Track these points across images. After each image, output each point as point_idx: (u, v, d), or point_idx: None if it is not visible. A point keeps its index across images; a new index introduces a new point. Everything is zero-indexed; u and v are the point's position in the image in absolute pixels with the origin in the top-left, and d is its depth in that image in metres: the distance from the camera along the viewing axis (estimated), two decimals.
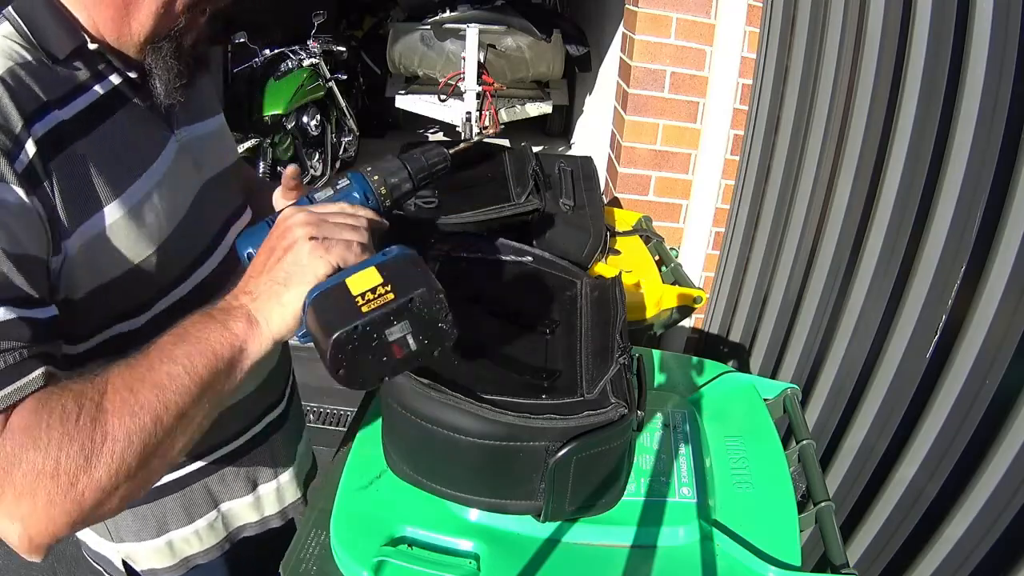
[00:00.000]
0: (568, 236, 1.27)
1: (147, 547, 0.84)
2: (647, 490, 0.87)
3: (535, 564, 0.79)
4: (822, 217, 1.49)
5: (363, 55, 5.31)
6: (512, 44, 4.13)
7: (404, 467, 0.82)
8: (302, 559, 0.81)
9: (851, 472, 1.35)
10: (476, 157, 1.46)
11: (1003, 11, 1.01)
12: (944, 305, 1.13)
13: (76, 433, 0.50)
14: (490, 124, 3.75)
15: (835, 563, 0.82)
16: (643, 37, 1.84)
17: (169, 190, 0.68)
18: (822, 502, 0.90)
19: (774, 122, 1.75)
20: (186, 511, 0.85)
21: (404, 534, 0.81)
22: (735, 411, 1.07)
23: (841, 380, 1.40)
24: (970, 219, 1.08)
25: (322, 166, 3.77)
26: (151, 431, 0.53)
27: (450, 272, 1.04)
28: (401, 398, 0.77)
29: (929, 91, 1.17)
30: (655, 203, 2.02)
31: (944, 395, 1.10)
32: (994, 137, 1.04)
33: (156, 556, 0.86)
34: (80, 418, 0.51)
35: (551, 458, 0.74)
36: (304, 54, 3.68)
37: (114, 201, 0.62)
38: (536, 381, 0.81)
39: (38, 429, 0.50)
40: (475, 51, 3.62)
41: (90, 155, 0.60)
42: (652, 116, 1.92)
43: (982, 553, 1.04)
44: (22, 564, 1.77)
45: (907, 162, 1.22)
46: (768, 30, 1.76)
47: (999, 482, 1.00)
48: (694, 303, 1.34)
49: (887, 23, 1.29)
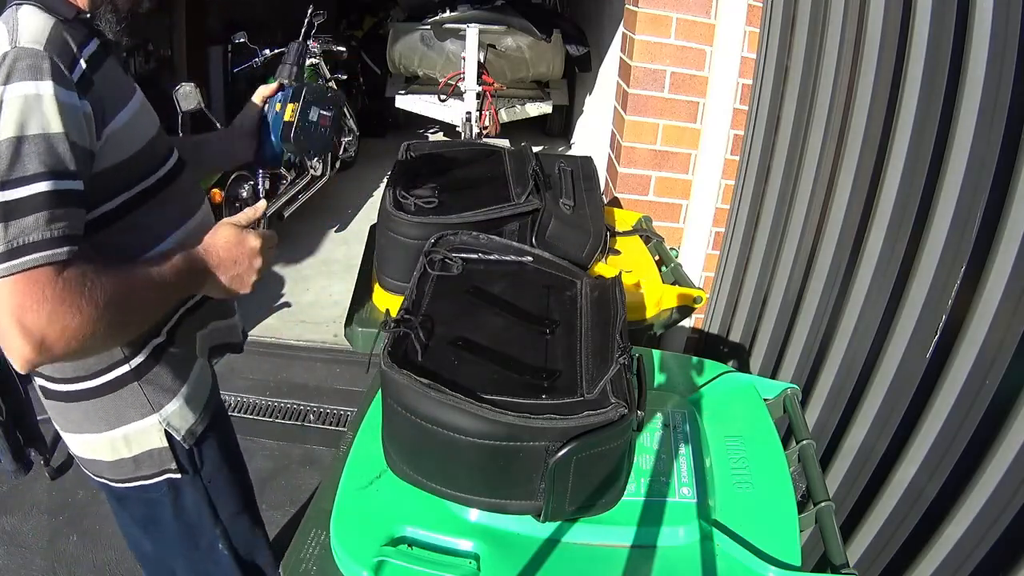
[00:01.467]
0: (568, 236, 1.27)
1: (180, 407, 1.05)
2: (647, 490, 0.87)
3: (535, 564, 0.79)
4: (822, 217, 1.49)
5: (363, 55, 5.30)
6: (512, 44, 4.13)
7: (404, 467, 0.82)
8: (302, 559, 0.81)
9: (851, 472, 1.35)
10: (476, 157, 1.47)
11: (1003, 11, 1.02)
12: (944, 305, 1.13)
13: (87, 292, 0.76)
14: (490, 124, 3.75)
15: (835, 563, 0.82)
16: (643, 37, 1.84)
17: (142, 116, 0.95)
18: (822, 502, 0.90)
19: (774, 122, 1.75)
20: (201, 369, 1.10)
21: (404, 534, 0.81)
22: (735, 411, 1.07)
23: (841, 380, 1.40)
24: (970, 219, 1.08)
25: (322, 166, 3.76)
26: (128, 306, 0.82)
27: (450, 272, 1.04)
28: (401, 398, 0.77)
29: (929, 91, 1.17)
30: (655, 203, 2.02)
31: (944, 395, 1.10)
32: (994, 137, 1.04)
33: (192, 410, 1.07)
34: (89, 287, 0.76)
35: (551, 458, 0.74)
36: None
37: (122, 110, 0.89)
38: (536, 381, 0.81)
39: (70, 288, 0.75)
40: (475, 51, 3.61)
41: (107, 78, 0.86)
42: (652, 116, 1.92)
43: (982, 553, 1.04)
44: (22, 564, 1.77)
45: (907, 162, 1.22)
46: (768, 30, 1.76)
47: (999, 482, 1.00)
48: (694, 303, 1.34)
49: (887, 23, 1.29)
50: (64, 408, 1.00)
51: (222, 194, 2.81)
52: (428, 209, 1.19)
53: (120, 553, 1.80)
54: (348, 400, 2.41)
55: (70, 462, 1.31)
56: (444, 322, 0.89)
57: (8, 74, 0.74)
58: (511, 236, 1.20)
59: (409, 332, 0.84)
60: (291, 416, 2.38)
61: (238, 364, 2.58)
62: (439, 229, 1.11)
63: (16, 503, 1.95)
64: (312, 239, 3.62)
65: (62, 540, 1.83)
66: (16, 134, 0.73)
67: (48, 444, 1.57)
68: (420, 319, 0.88)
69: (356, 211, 3.99)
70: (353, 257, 3.39)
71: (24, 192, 0.73)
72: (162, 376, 1.01)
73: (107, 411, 0.99)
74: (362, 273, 1.39)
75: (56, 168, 0.75)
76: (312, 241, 3.60)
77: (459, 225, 1.15)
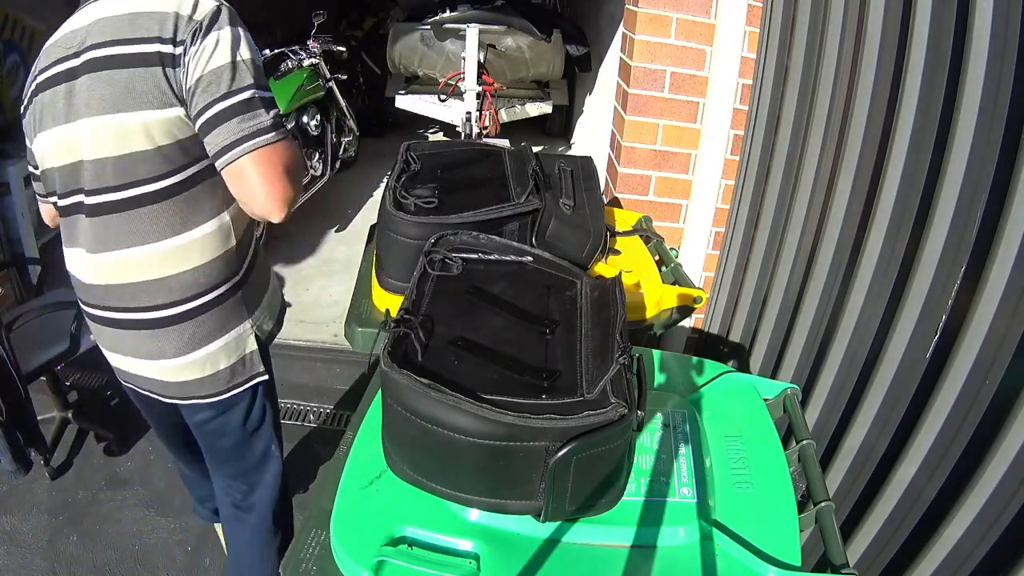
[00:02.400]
0: (568, 236, 1.27)
1: (264, 310, 1.22)
2: (647, 490, 0.87)
3: (535, 564, 0.79)
4: (822, 217, 1.49)
5: (363, 55, 5.30)
6: (512, 44, 4.13)
7: (404, 467, 0.82)
8: (302, 559, 0.81)
9: (851, 472, 1.35)
10: (476, 157, 1.47)
11: (1003, 11, 1.02)
12: (944, 305, 1.13)
13: (301, 164, 1.11)
14: (490, 124, 3.74)
15: (835, 563, 0.82)
16: (643, 37, 1.84)
17: None
18: (822, 502, 0.90)
19: (774, 122, 1.75)
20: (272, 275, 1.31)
21: (404, 534, 0.81)
22: (735, 411, 1.07)
23: (841, 380, 1.40)
24: (970, 219, 1.08)
25: (322, 166, 3.76)
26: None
27: (450, 272, 1.04)
28: (401, 398, 0.77)
29: (929, 91, 1.17)
30: (655, 203, 2.02)
31: (944, 395, 1.10)
32: (994, 137, 1.04)
33: (269, 313, 1.25)
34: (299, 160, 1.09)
35: (551, 458, 0.74)
36: (304, 54, 3.67)
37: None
38: (536, 381, 0.81)
39: (297, 157, 1.08)
40: (475, 51, 3.61)
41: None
42: (652, 116, 1.92)
43: (982, 553, 1.04)
44: (22, 564, 1.77)
45: (907, 162, 1.22)
46: (768, 30, 1.76)
47: (999, 482, 1.00)
48: (694, 303, 1.34)
49: (887, 23, 1.29)
50: (174, 332, 1.10)
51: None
52: (428, 209, 1.19)
53: (120, 553, 1.81)
54: (348, 400, 2.41)
55: (70, 462, 1.31)
56: (444, 322, 0.89)
57: (230, 19, 1.01)
58: (511, 236, 1.20)
59: (409, 332, 0.84)
60: (291, 416, 2.38)
61: None
62: (439, 229, 1.11)
63: (16, 503, 1.95)
64: (312, 239, 3.62)
65: (62, 540, 1.83)
66: (250, 57, 1.02)
67: (48, 444, 1.57)
68: (420, 319, 0.88)
69: (356, 211, 3.99)
70: (353, 257, 3.39)
71: (269, 94, 1.03)
72: (253, 284, 1.19)
73: (214, 323, 1.13)
74: (362, 273, 1.39)
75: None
76: (312, 241, 3.60)
77: (459, 225, 1.15)
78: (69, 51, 1.02)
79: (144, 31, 0.98)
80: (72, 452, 2.13)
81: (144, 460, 2.14)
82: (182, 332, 1.10)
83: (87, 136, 1.00)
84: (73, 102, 1.00)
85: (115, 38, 0.98)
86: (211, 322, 1.12)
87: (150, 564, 1.79)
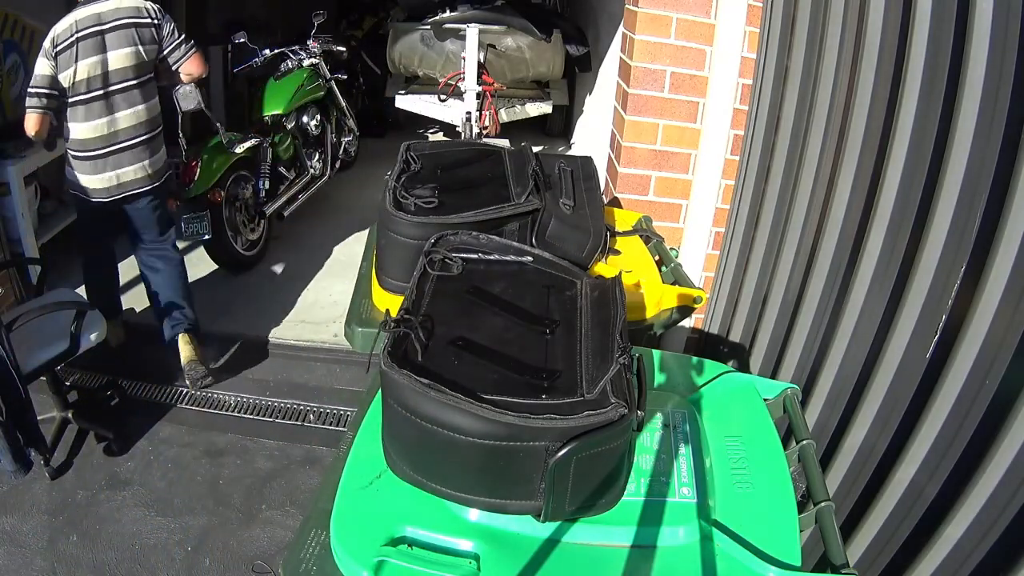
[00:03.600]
0: (568, 236, 1.27)
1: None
2: (647, 490, 0.87)
3: (535, 564, 0.79)
4: (822, 217, 1.49)
5: (363, 55, 5.31)
6: (512, 44, 4.13)
7: (404, 467, 0.82)
8: (302, 559, 0.81)
9: (851, 472, 1.35)
10: (476, 157, 1.47)
11: (1003, 11, 1.01)
12: (944, 305, 1.13)
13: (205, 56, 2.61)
14: (490, 124, 3.74)
15: (835, 563, 0.82)
16: (643, 37, 1.84)
17: None
18: (822, 502, 0.90)
19: (774, 122, 1.75)
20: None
21: (404, 534, 0.81)
22: (735, 411, 1.07)
23: (841, 380, 1.40)
24: (970, 219, 1.08)
25: (322, 166, 3.76)
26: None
27: (450, 272, 1.04)
28: (401, 398, 0.77)
29: (929, 91, 1.17)
30: (655, 203, 2.02)
31: (944, 395, 1.10)
32: (994, 137, 1.04)
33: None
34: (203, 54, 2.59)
35: (551, 458, 0.74)
36: (304, 54, 3.67)
37: None
38: (536, 381, 0.81)
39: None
40: (475, 51, 3.61)
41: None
42: (652, 116, 1.92)
43: (982, 553, 1.04)
44: (22, 564, 1.77)
45: (907, 162, 1.22)
46: (768, 30, 1.76)
47: (999, 482, 1.00)
48: (694, 303, 1.34)
49: (887, 23, 1.29)
50: (153, 146, 2.33)
51: (222, 194, 2.81)
52: (428, 209, 1.19)
53: (120, 553, 1.81)
54: (348, 400, 2.41)
55: (70, 462, 1.31)
56: (444, 322, 0.89)
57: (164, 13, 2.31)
58: (511, 236, 1.20)
59: (409, 332, 0.84)
60: (291, 416, 2.38)
61: (239, 364, 2.59)
62: (439, 229, 1.11)
63: (16, 503, 1.95)
64: (312, 239, 3.62)
65: (62, 540, 1.84)
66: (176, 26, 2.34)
67: (48, 444, 1.57)
68: (420, 319, 0.88)
69: (356, 211, 3.98)
70: (353, 257, 3.39)
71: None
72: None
73: (160, 143, 2.38)
74: (362, 273, 1.39)
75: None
76: (312, 241, 3.60)
77: (459, 225, 1.15)
78: (100, 20, 2.15)
79: (143, 14, 2.26)
80: (72, 452, 2.13)
81: (144, 460, 2.14)
82: (155, 147, 2.34)
83: (115, 59, 2.18)
84: (107, 44, 2.16)
85: (127, 16, 2.21)
86: (159, 142, 2.36)
87: (150, 564, 1.79)
